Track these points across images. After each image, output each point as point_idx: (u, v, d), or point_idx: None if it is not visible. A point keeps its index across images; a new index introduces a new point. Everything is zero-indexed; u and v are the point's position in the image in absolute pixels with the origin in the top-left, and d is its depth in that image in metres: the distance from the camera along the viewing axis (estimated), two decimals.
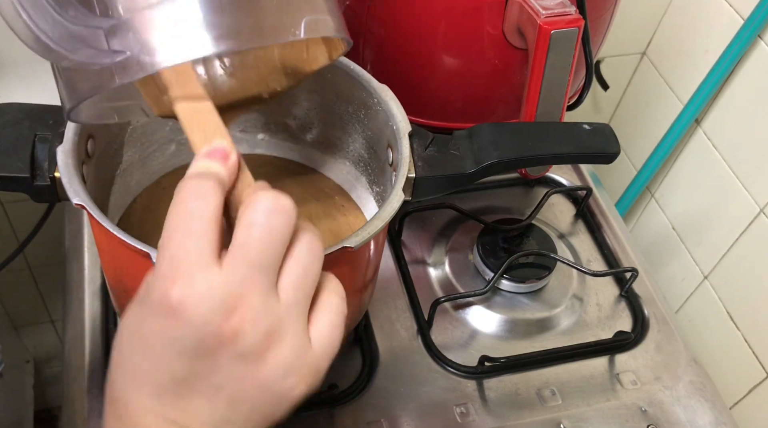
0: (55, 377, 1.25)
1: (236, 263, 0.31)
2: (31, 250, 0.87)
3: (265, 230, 0.32)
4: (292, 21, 0.38)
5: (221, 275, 0.31)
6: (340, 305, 0.36)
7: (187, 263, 0.31)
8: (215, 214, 0.32)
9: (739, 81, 0.87)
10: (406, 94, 0.54)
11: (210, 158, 0.35)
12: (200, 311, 0.30)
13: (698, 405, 0.66)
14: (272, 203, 0.33)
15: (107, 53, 0.35)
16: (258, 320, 0.32)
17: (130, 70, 0.35)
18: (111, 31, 0.35)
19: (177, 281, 0.31)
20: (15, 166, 0.47)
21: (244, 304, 0.31)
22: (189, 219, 0.32)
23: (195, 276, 0.31)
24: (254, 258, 0.32)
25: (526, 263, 0.71)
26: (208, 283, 0.31)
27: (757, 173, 0.86)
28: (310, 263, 0.34)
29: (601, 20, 0.68)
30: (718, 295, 0.94)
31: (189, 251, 0.31)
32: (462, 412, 0.63)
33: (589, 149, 0.55)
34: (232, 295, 0.31)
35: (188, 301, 0.30)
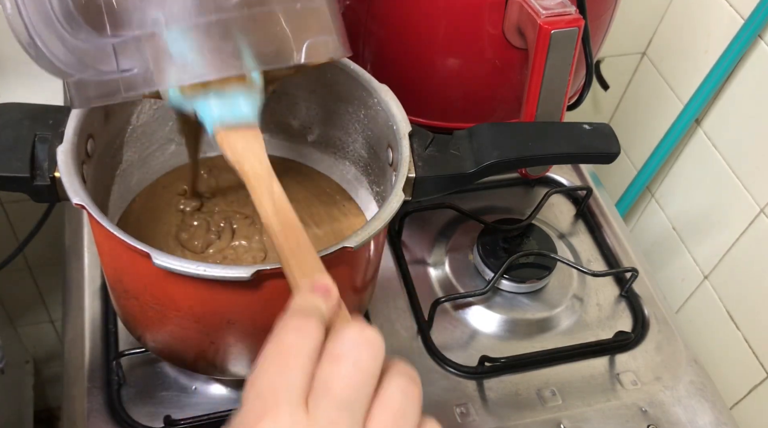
0: (55, 377, 1.25)
1: (319, 400, 0.29)
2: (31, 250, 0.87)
3: (352, 364, 0.30)
4: (295, 45, 0.38)
5: (306, 415, 0.29)
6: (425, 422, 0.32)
7: (276, 399, 0.29)
8: (313, 352, 0.30)
9: (740, 81, 0.87)
10: (406, 94, 0.54)
11: (313, 294, 0.33)
12: None
13: (698, 405, 0.66)
14: (359, 335, 0.31)
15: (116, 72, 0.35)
16: None
17: (137, 86, 0.36)
18: (120, 49, 0.35)
19: (262, 420, 0.29)
20: (15, 166, 0.47)
21: None
22: (286, 355, 0.30)
23: (281, 417, 0.29)
24: (339, 395, 0.29)
25: (526, 263, 0.71)
26: (293, 424, 0.29)
27: (758, 173, 0.86)
28: (403, 407, 0.31)
29: (601, 20, 0.68)
30: (718, 295, 0.94)
31: (279, 389, 0.29)
32: (462, 412, 0.63)
33: (589, 149, 0.55)
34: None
35: None
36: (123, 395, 0.60)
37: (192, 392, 0.61)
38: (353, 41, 0.68)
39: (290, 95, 0.61)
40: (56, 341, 1.22)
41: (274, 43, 0.38)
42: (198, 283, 0.43)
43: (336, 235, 0.60)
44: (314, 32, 0.40)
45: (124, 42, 0.35)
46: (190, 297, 0.47)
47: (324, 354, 0.30)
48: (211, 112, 0.41)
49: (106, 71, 0.35)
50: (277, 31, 0.38)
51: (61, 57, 0.35)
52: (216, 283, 0.43)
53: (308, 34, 0.39)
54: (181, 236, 0.58)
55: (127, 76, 0.35)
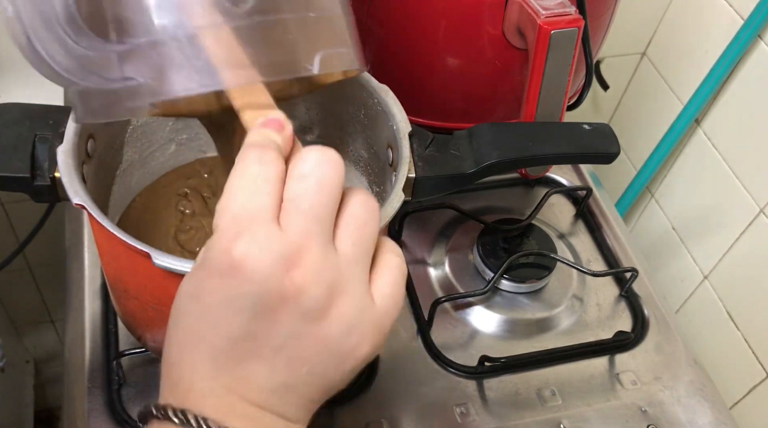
0: (55, 377, 1.25)
1: (291, 216, 0.31)
2: (31, 250, 0.87)
3: (316, 180, 0.32)
4: (307, 55, 0.38)
5: (280, 230, 0.31)
6: (400, 264, 0.35)
7: (250, 220, 0.31)
8: (279, 178, 0.32)
9: (739, 81, 0.87)
10: (406, 94, 0.54)
11: (267, 128, 0.35)
12: (262, 265, 0.30)
13: (698, 405, 0.66)
14: (320, 155, 0.32)
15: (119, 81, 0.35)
16: (320, 273, 0.31)
17: (141, 96, 0.35)
18: (124, 57, 0.35)
19: (239, 238, 0.30)
20: (15, 166, 0.47)
21: (305, 257, 0.31)
22: (254, 182, 0.32)
23: (257, 232, 0.30)
24: (308, 209, 0.31)
25: (526, 263, 0.71)
26: (269, 238, 0.30)
27: (757, 173, 0.86)
28: (366, 218, 0.33)
29: (601, 20, 0.68)
30: (718, 295, 0.94)
31: (253, 210, 0.31)
32: (462, 412, 0.63)
33: (589, 149, 0.55)
34: (292, 248, 0.30)
35: (250, 256, 0.30)
36: (123, 395, 0.60)
37: None
38: None
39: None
40: (56, 341, 1.22)
41: (285, 53, 0.38)
42: None
43: None
44: (328, 44, 0.40)
45: (129, 50, 0.35)
46: None
47: (289, 175, 0.32)
48: None
49: (110, 79, 0.35)
50: (289, 41, 0.38)
51: (62, 63, 0.35)
52: None
53: (322, 45, 0.39)
54: (180, 237, 0.58)
55: (132, 86, 0.35)
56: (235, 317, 0.31)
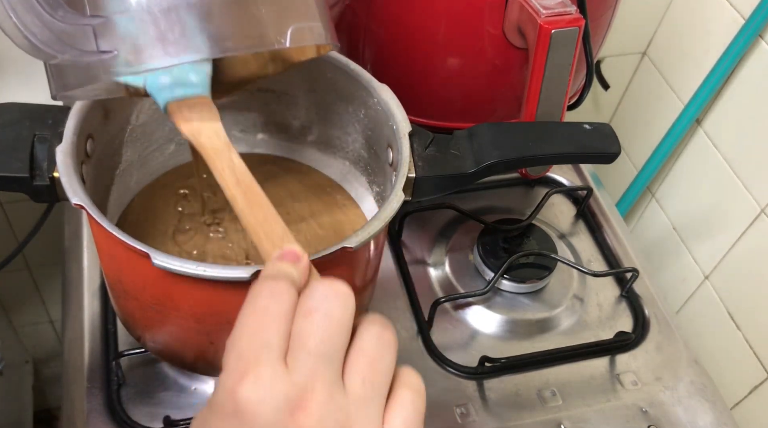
0: (54, 377, 1.25)
1: (296, 355, 0.30)
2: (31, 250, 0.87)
3: (322, 315, 0.31)
4: (279, 29, 0.38)
5: (286, 370, 0.30)
6: (417, 400, 0.32)
7: (255, 359, 0.30)
8: (288, 313, 0.31)
9: (740, 81, 0.87)
10: (406, 94, 0.54)
11: (282, 261, 0.34)
12: (266, 410, 0.29)
13: (699, 406, 0.66)
14: (327, 288, 0.32)
15: (95, 53, 0.35)
16: (326, 417, 0.30)
17: (116, 68, 0.35)
18: (100, 30, 0.35)
19: (244, 379, 0.29)
20: (14, 166, 0.47)
21: (310, 399, 0.29)
22: (261, 317, 0.31)
23: (262, 373, 0.29)
24: (314, 347, 0.30)
25: (526, 264, 0.71)
26: (274, 379, 0.29)
27: (758, 173, 0.86)
28: (379, 354, 0.32)
29: (602, 20, 0.68)
30: (718, 295, 0.94)
31: (259, 349, 0.30)
32: (462, 413, 0.63)
33: (589, 149, 0.55)
34: (296, 389, 0.29)
35: (253, 399, 0.29)
36: (122, 395, 0.60)
37: (191, 392, 0.61)
38: (353, 41, 0.68)
39: (290, 95, 0.61)
40: (56, 341, 1.22)
41: (257, 27, 0.38)
42: (197, 283, 0.43)
43: (337, 234, 0.60)
44: (299, 18, 0.40)
45: (104, 24, 0.35)
46: (189, 297, 0.46)
47: (297, 311, 0.31)
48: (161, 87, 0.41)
49: (86, 51, 0.35)
50: (261, 15, 0.38)
51: (38, 35, 0.35)
52: (216, 283, 0.43)
53: (292, 20, 0.39)
54: (178, 237, 0.58)
55: (107, 59, 0.35)
56: None
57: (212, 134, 0.41)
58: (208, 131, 0.41)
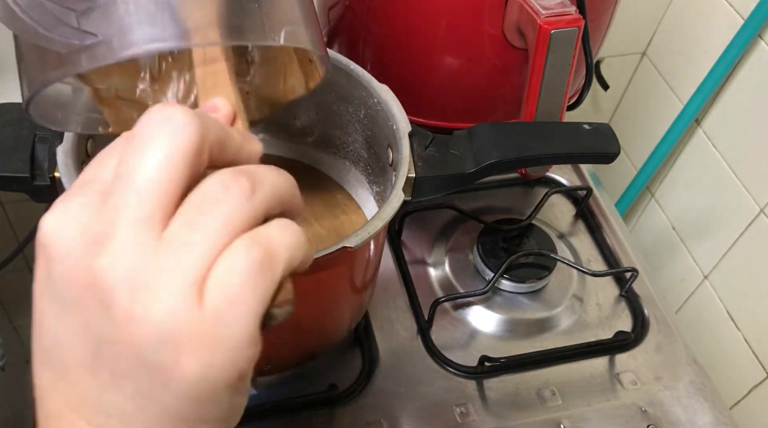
0: None
1: (114, 188, 0.25)
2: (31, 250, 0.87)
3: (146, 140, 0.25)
4: (272, 27, 0.37)
5: (101, 203, 0.25)
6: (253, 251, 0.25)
7: (73, 192, 0.26)
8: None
9: (740, 81, 0.87)
10: (406, 94, 0.54)
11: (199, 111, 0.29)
12: (65, 239, 0.25)
13: (698, 405, 0.66)
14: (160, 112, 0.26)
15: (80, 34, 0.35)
16: (124, 260, 0.24)
17: (98, 56, 0.34)
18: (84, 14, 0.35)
19: (54, 207, 0.26)
20: (15, 166, 0.47)
21: (115, 238, 0.24)
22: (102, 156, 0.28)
23: (71, 203, 0.26)
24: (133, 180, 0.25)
25: (526, 263, 0.71)
26: (81, 210, 0.25)
27: (757, 173, 0.86)
28: (216, 195, 0.25)
29: (601, 20, 0.68)
30: (718, 295, 0.94)
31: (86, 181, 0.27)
32: (462, 412, 0.63)
33: (589, 149, 0.55)
34: (101, 224, 0.25)
35: (51, 228, 0.25)
36: None
37: None
38: (353, 41, 0.68)
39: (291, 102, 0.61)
40: None
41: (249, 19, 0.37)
42: None
43: (338, 234, 0.60)
44: (289, 22, 0.39)
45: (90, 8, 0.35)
46: None
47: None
48: None
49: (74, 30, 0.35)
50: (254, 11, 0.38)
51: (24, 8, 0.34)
52: None
53: (284, 23, 0.39)
54: None
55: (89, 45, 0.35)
56: (51, 309, 0.26)
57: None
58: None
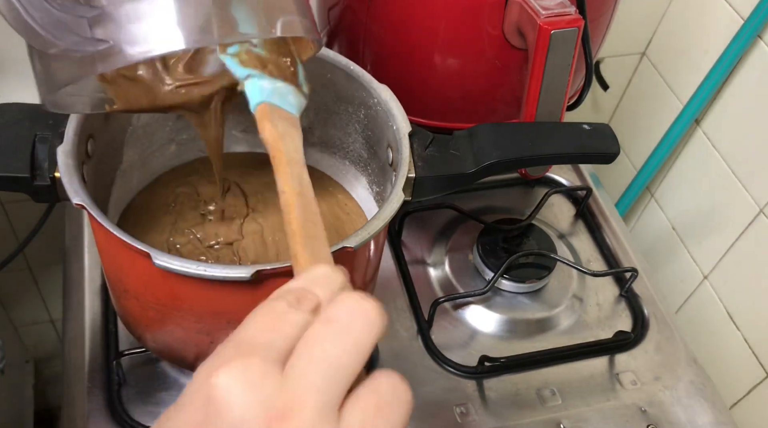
0: (55, 377, 1.25)
1: (297, 360, 0.26)
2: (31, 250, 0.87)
3: (342, 326, 0.27)
4: (269, 20, 0.38)
5: (280, 375, 0.26)
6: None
7: (250, 350, 0.26)
8: (306, 323, 0.27)
9: (739, 81, 0.87)
10: (406, 94, 0.54)
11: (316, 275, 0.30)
12: (243, 404, 0.25)
13: (698, 405, 0.66)
14: (355, 302, 0.27)
15: (91, 41, 0.35)
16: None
17: (110, 59, 0.35)
18: (95, 21, 0.35)
19: (228, 364, 0.25)
20: (15, 166, 0.47)
21: (296, 414, 0.25)
22: (274, 318, 0.27)
23: (251, 365, 0.25)
24: (320, 356, 0.26)
25: (526, 263, 0.71)
26: (263, 376, 0.25)
27: (757, 173, 0.86)
28: (390, 403, 0.27)
29: (601, 20, 0.68)
30: (718, 295, 0.94)
31: (258, 344, 0.26)
32: (462, 412, 0.63)
33: (589, 149, 0.55)
34: (284, 396, 0.25)
35: (232, 388, 0.25)
36: (123, 395, 0.60)
37: None
38: (353, 41, 0.68)
39: None
40: (56, 341, 1.22)
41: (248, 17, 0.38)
42: (198, 283, 0.43)
43: (339, 234, 0.60)
44: (285, 13, 0.40)
45: (100, 15, 0.35)
46: (190, 297, 0.47)
47: (317, 318, 0.27)
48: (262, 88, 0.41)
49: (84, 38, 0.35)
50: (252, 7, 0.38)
51: (37, 18, 0.35)
52: (216, 283, 0.43)
53: (280, 14, 0.39)
54: (176, 238, 0.58)
55: (102, 50, 0.35)
56: None
57: (292, 146, 0.39)
58: (290, 142, 0.39)
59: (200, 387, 0.26)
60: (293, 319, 0.27)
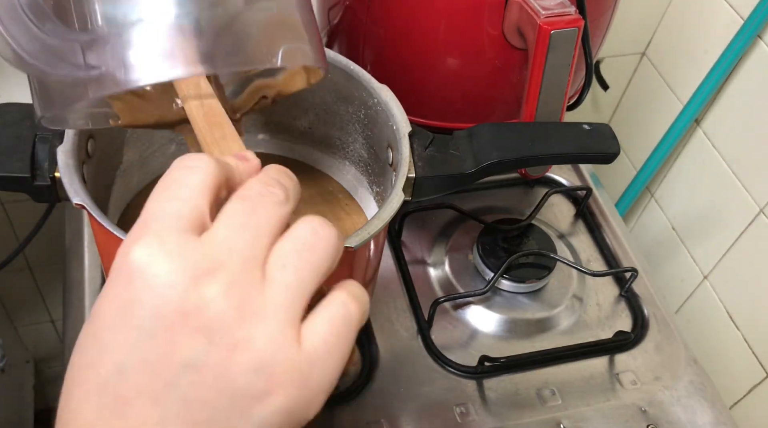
0: (55, 377, 1.25)
1: (215, 225, 0.27)
2: (31, 250, 0.87)
3: (258, 193, 0.28)
4: (270, 49, 0.38)
5: (196, 240, 0.26)
6: (349, 308, 0.28)
7: (159, 223, 0.26)
8: (208, 185, 0.28)
9: (739, 81, 0.87)
10: (406, 94, 0.54)
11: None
12: (165, 270, 0.25)
13: (698, 405, 0.66)
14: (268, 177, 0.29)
15: (83, 68, 0.35)
16: (232, 290, 0.26)
17: (104, 85, 0.35)
18: (88, 46, 0.35)
19: (143, 239, 0.26)
20: (15, 166, 0.47)
21: (221, 271, 0.26)
22: (175, 186, 0.28)
23: (164, 235, 0.26)
24: (238, 220, 0.27)
25: (526, 263, 0.71)
26: (180, 244, 0.26)
27: (757, 173, 0.86)
28: (311, 243, 0.28)
29: (601, 20, 0.68)
30: (717, 295, 0.94)
31: (164, 213, 0.27)
32: (462, 412, 0.63)
33: (589, 149, 0.55)
34: (206, 260, 0.26)
35: (153, 260, 0.25)
36: None
37: None
38: (353, 41, 0.68)
39: (290, 95, 0.61)
40: (56, 341, 1.22)
41: (248, 46, 0.38)
42: None
43: None
44: (289, 41, 0.40)
45: (93, 40, 0.35)
46: None
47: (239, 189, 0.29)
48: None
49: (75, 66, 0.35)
50: (253, 34, 0.38)
51: (25, 47, 0.35)
52: None
53: (283, 41, 0.39)
54: None
55: (95, 75, 0.35)
56: (127, 336, 0.25)
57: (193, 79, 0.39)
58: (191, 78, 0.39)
59: (120, 266, 0.26)
60: (195, 182, 0.27)
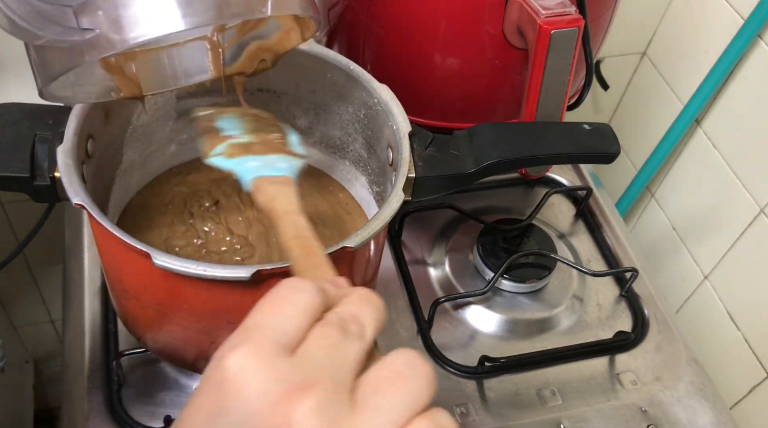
0: (55, 377, 1.25)
1: (311, 342, 0.27)
2: (31, 250, 0.87)
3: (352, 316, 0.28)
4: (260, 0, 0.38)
5: (291, 356, 0.26)
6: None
7: (260, 333, 0.26)
8: (313, 309, 0.28)
9: (740, 81, 0.87)
10: (406, 94, 0.54)
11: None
12: (255, 379, 0.25)
13: (698, 405, 0.66)
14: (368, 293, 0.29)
15: (77, 31, 0.35)
16: (323, 409, 0.25)
17: (99, 47, 0.35)
18: (80, 9, 0.35)
19: (239, 347, 0.26)
20: (15, 166, 0.47)
21: (313, 386, 0.25)
22: (282, 303, 0.28)
23: (262, 346, 0.26)
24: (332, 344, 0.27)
25: (526, 263, 0.71)
26: (275, 357, 0.26)
27: (758, 173, 0.86)
28: (404, 375, 0.27)
29: (601, 20, 0.68)
30: (718, 295, 0.94)
31: (267, 326, 0.27)
32: (462, 412, 0.63)
33: (589, 149, 0.55)
34: (298, 374, 0.25)
35: (244, 367, 0.25)
36: (123, 395, 0.60)
37: (192, 392, 0.61)
38: (353, 41, 0.68)
39: (290, 95, 0.61)
40: (56, 341, 1.22)
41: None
42: (198, 283, 0.43)
43: (342, 234, 0.60)
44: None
45: (85, 3, 0.35)
46: (190, 297, 0.47)
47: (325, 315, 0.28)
48: (249, 168, 0.44)
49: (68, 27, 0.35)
50: None
51: (16, 11, 0.35)
52: (216, 283, 0.43)
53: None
54: (176, 238, 0.58)
55: (90, 39, 0.35)
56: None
57: (285, 200, 0.42)
58: (282, 197, 0.42)
59: (213, 372, 0.26)
60: (302, 304, 0.28)
